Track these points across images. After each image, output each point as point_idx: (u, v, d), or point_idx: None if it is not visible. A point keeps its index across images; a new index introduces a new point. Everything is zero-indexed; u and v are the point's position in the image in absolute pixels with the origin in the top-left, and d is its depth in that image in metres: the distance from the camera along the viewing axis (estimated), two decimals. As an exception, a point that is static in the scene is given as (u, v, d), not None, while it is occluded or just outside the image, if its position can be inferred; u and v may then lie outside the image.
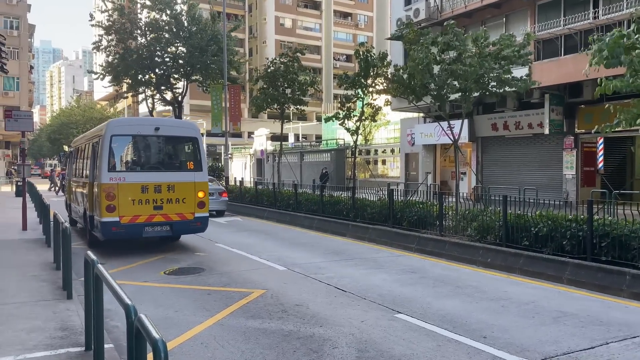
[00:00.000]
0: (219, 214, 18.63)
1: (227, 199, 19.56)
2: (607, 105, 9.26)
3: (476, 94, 13.20)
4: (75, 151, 14.86)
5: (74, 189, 14.30)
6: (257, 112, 27.58)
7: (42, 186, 29.59)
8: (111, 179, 10.32)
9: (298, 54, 22.57)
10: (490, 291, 7.60)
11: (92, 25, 29.38)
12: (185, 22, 28.50)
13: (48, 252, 10.01)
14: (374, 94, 17.49)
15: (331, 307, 6.70)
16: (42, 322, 5.62)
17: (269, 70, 22.03)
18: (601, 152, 19.50)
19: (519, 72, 13.79)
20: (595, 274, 7.75)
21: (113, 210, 10.21)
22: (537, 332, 5.72)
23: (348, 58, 67.28)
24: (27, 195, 18.60)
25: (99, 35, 29.23)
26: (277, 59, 22.82)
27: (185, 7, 28.82)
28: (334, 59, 68.50)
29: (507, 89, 12.80)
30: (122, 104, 72.01)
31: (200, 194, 11.07)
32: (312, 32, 67.21)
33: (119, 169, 10.73)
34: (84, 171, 12.46)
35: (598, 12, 17.73)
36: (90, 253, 4.67)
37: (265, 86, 22.14)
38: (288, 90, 21.83)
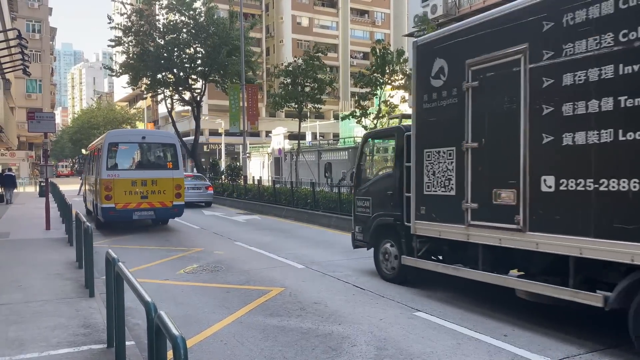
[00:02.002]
0: (207, 204, 22.69)
1: (213, 192, 23.30)
2: None
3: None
4: (89, 154, 18.43)
5: (87, 184, 17.71)
6: (274, 108, 27.69)
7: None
8: (109, 176, 13.47)
9: (319, 54, 22.65)
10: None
11: (112, 28, 29.77)
12: (204, 22, 28.70)
13: (70, 250, 10.18)
14: (391, 91, 17.43)
15: (350, 305, 6.70)
16: (65, 320, 5.72)
17: (289, 69, 22.14)
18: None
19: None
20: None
21: (110, 199, 13.39)
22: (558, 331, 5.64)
23: (365, 56, 67.00)
24: (50, 195, 18.94)
25: (117, 37, 29.61)
26: (298, 58, 22.91)
27: (204, 8, 29.01)
28: (351, 57, 68.32)
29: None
30: (141, 104, 72.87)
31: (177, 187, 14.20)
32: (329, 30, 67.13)
33: (114, 168, 13.82)
34: (93, 170, 15.50)
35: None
36: (111, 252, 4.74)
37: (286, 82, 22.25)
38: (307, 89, 21.90)
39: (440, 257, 7.45)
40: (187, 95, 31.86)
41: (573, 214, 5.14)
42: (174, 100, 33.09)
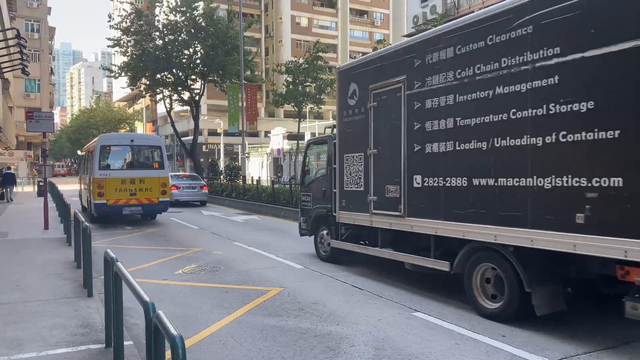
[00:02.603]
0: (202, 203, 23.47)
1: (207, 191, 24.02)
2: None
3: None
4: (84, 155, 19.96)
5: (82, 182, 19.31)
6: (276, 105, 27.69)
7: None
8: (101, 175, 15.07)
9: (320, 53, 22.72)
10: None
11: (111, 27, 29.76)
12: (202, 23, 28.70)
13: (69, 250, 10.18)
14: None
15: (348, 305, 6.70)
16: (63, 320, 5.71)
17: (289, 66, 22.21)
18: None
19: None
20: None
21: (102, 196, 14.95)
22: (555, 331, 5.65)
23: (364, 56, 67.08)
24: (49, 194, 18.92)
25: (116, 38, 29.60)
26: (299, 58, 22.98)
27: (204, 5, 28.98)
28: (350, 57, 68.27)
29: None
30: (140, 105, 72.82)
31: (163, 185, 15.80)
32: (328, 30, 67.18)
33: (106, 168, 15.45)
34: (87, 169, 17.06)
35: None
36: (110, 252, 4.74)
37: (288, 80, 22.34)
38: (308, 89, 21.97)
39: (366, 241, 8.83)
40: (186, 95, 31.83)
41: (432, 203, 6.87)
42: (173, 101, 33.06)
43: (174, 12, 28.89)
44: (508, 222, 5.76)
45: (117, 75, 30.72)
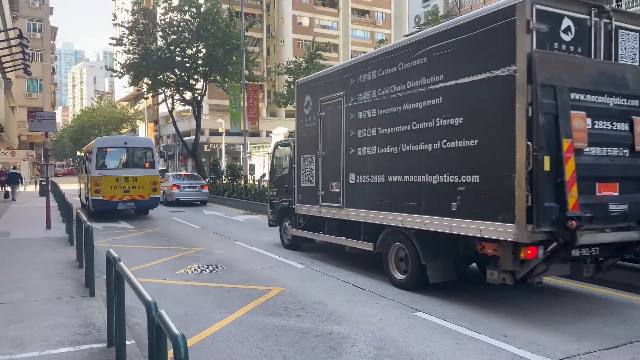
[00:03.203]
0: (203, 203, 23.79)
1: (208, 191, 24.36)
2: None
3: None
4: (83, 156, 22.11)
5: (81, 181, 21.04)
6: (277, 105, 27.71)
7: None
8: (97, 174, 16.69)
9: (320, 52, 22.77)
10: (514, 290, 7.51)
11: (115, 25, 29.82)
12: (204, 22, 28.71)
13: (71, 250, 10.20)
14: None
15: (350, 305, 6.71)
16: (65, 319, 5.73)
17: (290, 67, 22.29)
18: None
19: None
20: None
21: (99, 192, 16.60)
22: (557, 331, 5.63)
23: (366, 56, 67.03)
24: (51, 194, 18.95)
25: (119, 37, 29.65)
26: (300, 57, 23.01)
27: (206, 3, 29.00)
28: (352, 57, 68.28)
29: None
30: (142, 104, 72.85)
31: (154, 183, 17.45)
32: (329, 30, 67.10)
33: (102, 167, 16.99)
34: (85, 169, 18.63)
35: (621, 5, 17.40)
36: (112, 251, 4.75)
37: (289, 80, 22.40)
38: None
39: (320, 230, 10.08)
40: (187, 95, 31.84)
41: (361, 196, 8.38)
42: (175, 100, 33.08)
43: (178, 11, 28.91)
44: (410, 210, 7.27)
45: (120, 75, 30.78)
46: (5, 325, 5.50)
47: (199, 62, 29.69)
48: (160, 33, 29.26)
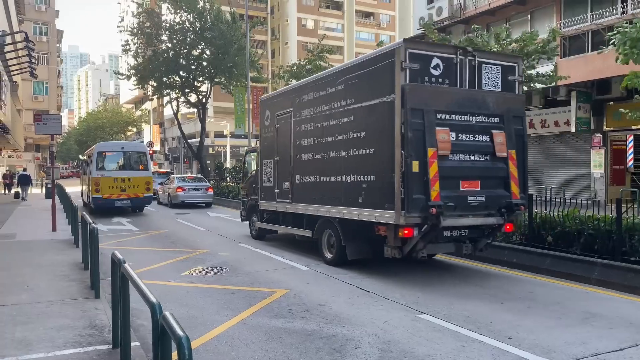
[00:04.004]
0: (207, 205, 23.96)
1: (212, 193, 24.71)
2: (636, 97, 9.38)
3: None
4: (85, 159, 24.26)
5: (83, 181, 23.62)
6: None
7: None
8: (97, 175, 18.95)
9: (324, 54, 22.78)
10: (516, 291, 7.50)
11: (119, 27, 30.00)
12: (209, 21, 28.81)
13: (76, 252, 10.24)
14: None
15: (354, 307, 6.70)
16: (71, 321, 5.75)
17: (294, 69, 22.28)
18: (631, 150, 19.04)
19: (545, 69, 13.54)
20: (624, 274, 7.58)
21: (98, 192, 18.86)
22: (564, 333, 5.62)
23: (370, 58, 66.92)
24: (56, 196, 19.04)
25: (126, 40, 29.81)
26: (303, 60, 22.98)
27: (207, 6, 29.12)
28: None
29: (532, 85, 12.60)
30: (147, 106, 73.05)
31: (147, 184, 19.76)
32: (334, 32, 67.04)
33: (102, 169, 19.21)
34: (87, 171, 21.08)
35: (626, 7, 17.33)
36: (117, 253, 4.77)
37: (290, 83, 22.35)
38: None
39: (281, 223, 11.81)
40: (192, 98, 31.94)
41: (304, 193, 10.25)
42: (180, 103, 33.19)
43: (179, 11, 29.02)
44: (334, 203, 9.16)
45: (127, 77, 30.96)
46: (12, 327, 5.53)
47: (204, 63, 29.79)
48: (166, 33, 29.37)
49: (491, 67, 8.38)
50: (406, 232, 7.66)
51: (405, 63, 7.54)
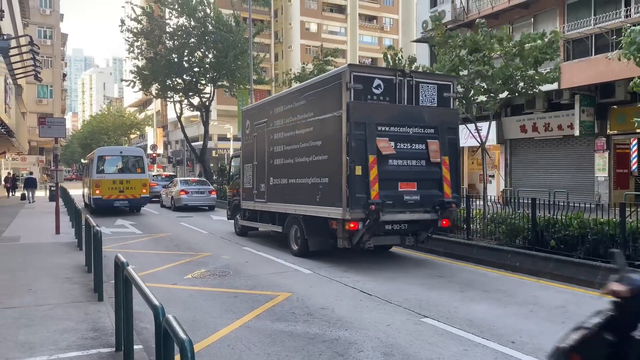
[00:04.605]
0: (211, 208, 24.09)
1: (215, 196, 24.68)
2: None
3: (502, 96, 13.01)
4: (86, 163, 26.10)
5: (84, 183, 25.00)
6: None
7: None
8: (97, 177, 20.41)
9: (329, 58, 22.85)
10: (519, 295, 7.48)
11: (122, 32, 30.10)
12: (209, 25, 28.90)
13: (80, 255, 10.26)
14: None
15: (357, 311, 6.70)
16: (74, 323, 5.77)
17: (299, 74, 22.34)
18: (635, 154, 18.98)
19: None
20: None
21: (98, 193, 20.25)
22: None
23: (373, 61, 67.11)
24: (60, 199, 19.10)
25: (129, 39, 29.91)
26: (307, 64, 23.03)
27: (210, 12, 29.23)
28: (359, 62, 68.33)
29: (535, 88, 12.57)
30: (151, 110, 73.24)
31: (144, 186, 21.13)
32: (337, 35, 67.20)
33: (102, 172, 20.69)
34: (88, 173, 22.56)
35: (630, 10, 17.30)
36: (120, 256, 4.78)
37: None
38: None
39: (259, 220, 13.17)
40: (195, 101, 32.02)
41: (276, 193, 11.58)
42: (183, 106, 33.24)
43: (181, 15, 29.11)
44: (299, 202, 10.48)
45: (133, 84, 31.09)
46: (15, 330, 5.55)
47: (207, 66, 29.86)
48: (167, 36, 29.47)
49: (427, 86, 9.67)
50: (352, 225, 8.99)
51: (350, 84, 8.93)
